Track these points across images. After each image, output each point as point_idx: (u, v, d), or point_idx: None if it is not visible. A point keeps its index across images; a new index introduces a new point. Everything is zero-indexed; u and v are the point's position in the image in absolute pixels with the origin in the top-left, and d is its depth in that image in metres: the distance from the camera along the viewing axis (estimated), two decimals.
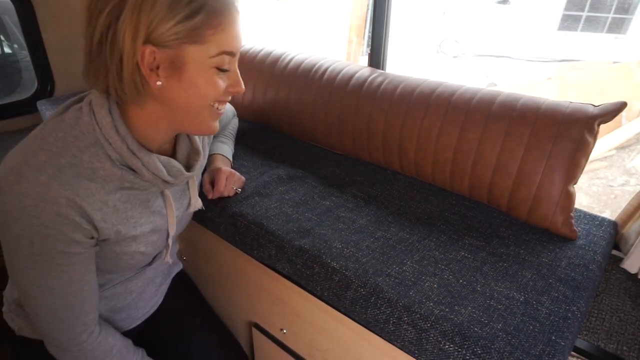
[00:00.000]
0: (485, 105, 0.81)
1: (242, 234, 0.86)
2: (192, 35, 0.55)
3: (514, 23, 8.99)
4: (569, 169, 0.74)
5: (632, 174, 4.26)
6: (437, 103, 0.86)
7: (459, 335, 0.61)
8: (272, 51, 1.14)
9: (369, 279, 0.70)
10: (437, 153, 0.86)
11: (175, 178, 0.67)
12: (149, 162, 0.62)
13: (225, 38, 0.57)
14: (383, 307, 0.68)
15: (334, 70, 1.03)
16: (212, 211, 0.91)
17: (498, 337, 0.60)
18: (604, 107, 0.73)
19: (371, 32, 1.12)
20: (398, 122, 0.90)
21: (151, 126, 0.62)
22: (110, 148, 0.59)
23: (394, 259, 0.74)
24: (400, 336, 0.67)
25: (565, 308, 0.64)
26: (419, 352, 0.65)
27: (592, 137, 0.73)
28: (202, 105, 0.61)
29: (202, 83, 0.58)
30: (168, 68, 0.56)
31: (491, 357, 0.58)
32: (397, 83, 0.93)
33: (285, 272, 0.82)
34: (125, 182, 0.62)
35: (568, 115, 0.74)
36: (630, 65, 5.20)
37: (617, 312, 0.79)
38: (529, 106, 0.78)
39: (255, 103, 1.15)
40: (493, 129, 0.79)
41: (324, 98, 1.02)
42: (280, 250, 0.80)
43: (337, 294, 0.74)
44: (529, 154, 0.76)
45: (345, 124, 0.99)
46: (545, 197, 0.76)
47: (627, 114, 4.85)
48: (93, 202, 0.58)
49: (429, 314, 0.64)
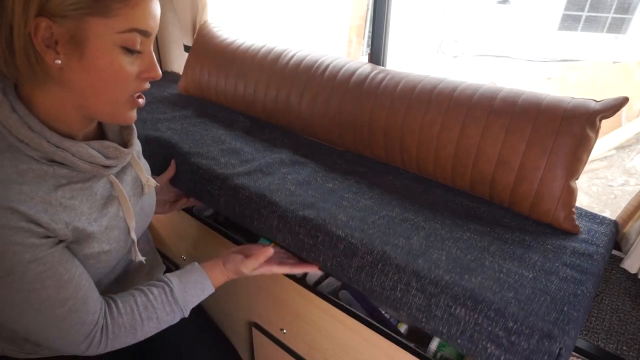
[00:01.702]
0: (486, 101, 0.81)
1: (243, 205, 0.85)
2: (96, 6, 0.48)
3: (514, 23, 8.99)
4: (570, 164, 0.73)
5: (632, 174, 4.26)
6: (438, 99, 0.86)
7: (471, 300, 0.60)
8: (274, 48, 1.14)
9: (375, 247, 0.69)
10: (439, 149, 0.86)
11: (116, 159, 0.61)
12: (79, 151, 0.56)
13: (137, 14, 0.51)
14: (390, 273, 0.66)
15: (335, 67, 1.03)
16: (212, 184, 0.90)
17: (511, 303, 0.59)
18: (605, 102, 0.73)
19: (371, 31, 1.12)
20: (399, 118, 0.90)
21: (60, 114, 0.55)
22: (28, 148, 0.52)
23: (400, 234, 0.73)
24: (407, 303, 0.65)
25: (574, 287, 0.63)
26: (427, 320, 0.64)
27: (594, 133, 0.73)
28: (113, 93, 0.55)
29: (105, 64, 0.51)
30: (67, 44, 0.49)
31: (505, 320, 0.57)
32: (399, 79, 0.93)
33: (286, 244, 0.80)
34: (61, 179, 0.56)
35: (570, 110, 0.74)
36: (630, 65, 5.20)
37: (617, 312, 0.79)
38: (531, 102, 0.77)
39: (257, 100, 1.14)
40: (494, 125, 0.79)
41: (326, 95, 1.01)
42: (282, 220, 0.79)
43: (341, 263, 0.72)
44: (531, 149, 0.75)
45: (347, 121, 0.99)
46: (547, 193, 0.76)
47: (627, 114, 4.85)
48: (33, 205, 0.51)
49: (439, 279, 0.63)
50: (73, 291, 0.57)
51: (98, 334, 0.61)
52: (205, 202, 0.95)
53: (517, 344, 0.57)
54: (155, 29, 0.56)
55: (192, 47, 1.27)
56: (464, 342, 0.61)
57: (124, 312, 0.64)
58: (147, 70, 0.56)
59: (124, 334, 0.64)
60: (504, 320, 0.58)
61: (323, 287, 0.95)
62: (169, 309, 0.68)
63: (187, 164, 0.95)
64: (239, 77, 1.16)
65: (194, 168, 0.93)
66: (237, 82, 1.16)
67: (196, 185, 0.93)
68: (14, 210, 0.49)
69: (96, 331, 0.60)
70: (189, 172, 0.94)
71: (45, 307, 0.54)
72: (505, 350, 0.58)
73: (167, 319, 0.68)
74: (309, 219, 0.76)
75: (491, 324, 0.59)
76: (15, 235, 0.49)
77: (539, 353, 0.56)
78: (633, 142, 4.67)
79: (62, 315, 0.56)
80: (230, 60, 1.18)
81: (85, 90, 0.53)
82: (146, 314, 0.66)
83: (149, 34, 0.54)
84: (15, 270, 0.51)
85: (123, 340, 0.64)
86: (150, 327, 0.67)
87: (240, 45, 1.19)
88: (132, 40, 0.52)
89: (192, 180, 0.94)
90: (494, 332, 0.58)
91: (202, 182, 0.91)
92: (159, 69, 0.58)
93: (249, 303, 1.02)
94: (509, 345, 0.58)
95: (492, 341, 0.59)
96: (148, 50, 0.56)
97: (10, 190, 0.50)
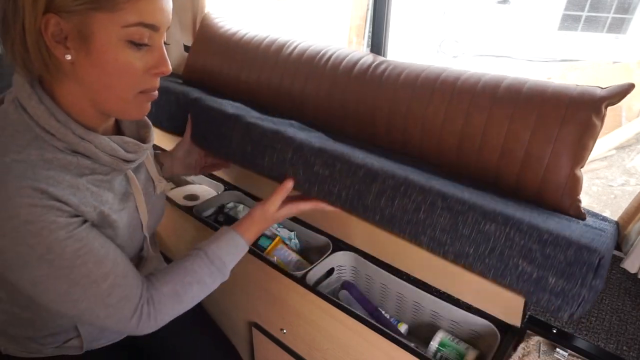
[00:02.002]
0: (490, 89, 0.80)
1: (255, 142, 0.84)
2: (101, 1, 0.49)
3: (514, 23, 8.99)
4: (576, 152, 0.72)
5: (632, 174, 4.26)
6: (441, 89, 0.85)
7: (502, 216, 0.58)
8: (277, 39, 1.14)
9: (396, 172, 0.68)
10: (442, 139, 0.85)
11: (135, 153, 0.63)
12: (102, 143, 0.57)
13: (143, 7, 0.51)
14: (414, 195, 0.65)
15: (338, 57, 1.02)
16: (224, 125, 0.89)
17: (544, 222, 0.57)
18: (611, 89, 0.72)
19: (371, 31, 1.12)
20: (402, 109, 0.89)
21: (78, 109, 0.56)
22: (54, 139, 0.54)
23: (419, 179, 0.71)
24: (431, 225, 0.64)
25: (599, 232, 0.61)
26: (452, 241, 0.62)
27: (600, 120, 0.72)
28: (121, 88, 0.55)
29: (111, 58, 0.52)
30: (76, 39, 0.50)
31: (540, 233, 0.55)
32: (401, 69, 0.93)
33: (298, 178, 0.78)
34: (84, 170, 0.57)
35: (575, 98, 0.73)
36: (630, 65, 5.21)
37: (617, 312, 0.79)
38: (535, 90, 0.77)
39: (260, 90, 1.14)
40: (499, 114, 0.78)
41: (328, 85, 1.01)
42: (297, 152, 0.78)
43: (359, 191, 0.71)
44: (535, 138, 0.74)
45: (350, 112, 0.98)
46: (553, 181, 0.75)
47: (627, 114, 4.85)
48: (62, 188, 0.53)
49: (466, 198, 0.61)
50: (112, 266, 0.58)
51: (145, 307, 0.62)
52: (216, 147, 0.92)
53: (553, 256, 0.54)
54: (165, 23, 0.55)
55: (195, 37, 1.27)
56: (492, 261, 0.59)
57: (164, 282, 0.65)
58: (156, 66, 0.56)
59: (170, 303, 0.64)
60: (538, 232, 0.55)
61: (323, 287, 0.95)
62: (207, 270, 0.68)
63: (199, 107, 0.94)
64: (242, 68, 1.15)
65: (205, 110, 0.93)
66: (240, 73, 1.16)
67: (207, 127, 0.91)
68: (44, 191, 0.51)
69: (142, 304, 0.61)
70: (200, 114, 0.94)
71: (89, 283, 0.55)
72: (538, 265, 0.55)
73: (208, 281, 0.68)
74: (325, 150, 0.75)
75: (524, 237, 0.56)
76: (47, 213, 0.51)
77: (576, 265, 0.53)
78: (633, 142, 4.67)
79: (107, 291, 0.57)
80: (233, 51, 1.17)
81: (94, 84, 0.54)
82: (187, 279, 0.66)
83: (157, 28, 0.54)
84: (54, 248, 0.52)
85: (170, 309, 0.65)
86: (193, 292, 0.67)
87: (243, 35, 1.18)
88: (139, 34, 0.52)
89: (203, 122, 0.93)
90: (527, 246, 0.56)
91: (215, 123, 0.90)
92: (169, 63, 0.57)
93: (249, 303, 1.02)
94: (542, 260, 0.55)
95: (524, 257, 0.56)
96: (158, 44, 0.56)
97: (38, 174, 0.51)
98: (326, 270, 0.96)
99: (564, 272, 0.54)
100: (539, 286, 0.57)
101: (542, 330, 0.76)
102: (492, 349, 0.74)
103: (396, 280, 0.90)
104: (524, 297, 0.60)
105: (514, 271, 0.57)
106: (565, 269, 0.54)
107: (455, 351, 0.80)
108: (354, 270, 1.00)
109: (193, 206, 1.09)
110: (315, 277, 0.92)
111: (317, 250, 1.03)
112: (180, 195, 1.18)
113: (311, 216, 1.03)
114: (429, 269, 0.84)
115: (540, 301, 0.57)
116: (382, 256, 0.92)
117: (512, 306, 0.74)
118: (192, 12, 1.30)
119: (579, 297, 0.54)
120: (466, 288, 0.80)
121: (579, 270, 0.53)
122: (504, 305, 0.76)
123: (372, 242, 0.92)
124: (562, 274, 0.55)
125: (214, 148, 0.94)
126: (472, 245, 0.60)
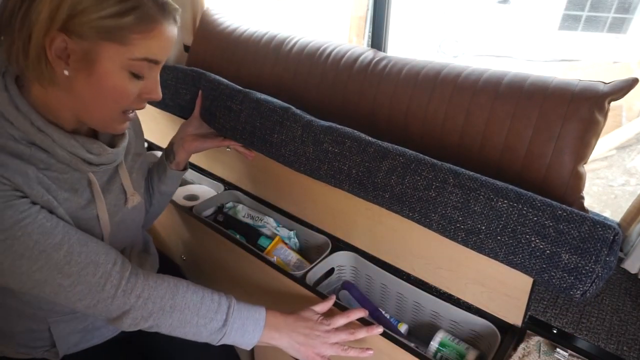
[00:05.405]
0: (492, 86, 0.79)
1: (265, 117, 0.84)
2: (115, 35, 0.51)
3: (514, 23, 8.98)
4: (578, 149, 0.71)
5: (633, 174, 4.26)
6: (442, 85, 0.84)
7: (514, 192, 0.58)
8: (277, 35, 1.13)
9: (407, 150, 0.68)
10: (444, 137, 0.84)
11: (98, 156, 0.61)
12: (60, 138, 0.56)
13: (153, 45, 0.54)
14: (425, 172, 0.65)
15: (338, 53, 1.02)
16: (233, 99, 0.89)
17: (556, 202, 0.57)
18: (614, 84, 0.71)
19: (371, 30, 1.12)
20: (403, 106, 0.88)
21: (54, 109, 0.57)
22: (10, 126, 0.54)
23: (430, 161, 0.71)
24: (442, 202, 0.63)
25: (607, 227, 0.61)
26: (464, 218, 0.61)
27: (603, 116, 0.71)
28: (110, 108, 0.57)
29: (110, 84, 0.54)
30: (80, 60, 0.52)
31: (553, 209, 0.55)
32: (402, 65, 0.92)
33: (305, 157, 0.78)
34: (38, 163, 0.56)
35: (577, 93, 0.72)
36: (630, 65, 5.20)
37: (617, 312, 0.79)
38: (537, 86, 0.76)
39: (260, 87, 1.13)
40: (500, 110, 0.77)
41: (329, 82, 1.00)
42: (306, 130, 0.78)
43: (369, 168, 0.71)
44: (538, 136, 0.74)
45: (349, 108, 0.98)
46: (555, 179, 0.74)
47: (627, 114, 4.85)
48: (6, 169, 0.52)
49: (478, 176, 0.62)
50: (63, 235, 0.56)
51: (126, 275, 0.59)
52: (222, 121, 0.91)
53: (567, 232, 0.54)
54: (166, 57, 0.58)
55: (195, 34, 1.27)
56: (504, 237, 0.58)
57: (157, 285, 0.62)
58: (148, 92, 0.59)
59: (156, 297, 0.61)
60: (551, 209, 0.55)
61: (323, 287, 0.95)
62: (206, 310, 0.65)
63: (207, 80, 0.94)
64: (242, 64, 1.15)
65: (214, 85, 0.92)
66: (240, 69, 1.15)
67: (215, 102, 0.91)
68: None
69: (121, 272, 0.58)
70: (208, 88, 0.93)
71: (36, 254, 0.53)
72: (551, 241, 0.55)
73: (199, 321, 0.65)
74: (335, 128, 0.76)
75: (537, 213, 0.56)
76: None
77: (591, 241, 0.52)
78: (633, 142, 4.66)
79: (65, 259, 0.55)
80: (234, 47, 1.17)
81: (85, 100, 0.56)
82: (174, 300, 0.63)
83: (158, 62, 0.57)
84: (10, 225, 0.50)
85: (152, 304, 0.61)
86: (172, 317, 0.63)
87: (243, 32, 1.18)
88: (141, 67, 0.55)
89: (211, 97, 0.92)
90: (540, 221, 0.55)
91: (223, 97, 0.90)
92: (160, 92, 0.60)
93: (249, 303, 1.01)
94: (556, 236, 0.55)
95: (537, 233, 0.56)
96: (154, 75, 0.58)
97: None
98: (326, 270, 0.96)
99: (577, 248, 0.53)
100: (551, 263, 0.56)
101: (543, 330, 0.75)
102: (493, 349, 0.74)
103: (396, 280, 0.90)
104: (534, 276, 0.58)
105: (527, 248, 0.57)
106: (579, 245, 0.53)
107: (455, 351, 0.79)
108: (354, 270, 1.00)
109: (193, 206, 1.09)
110: (315, 277, 0.92)
111: (317, 250, 1.02)
112: (180, 195, 1.18)
113: (311, 215, 1.03)
114: (429, 268, 0.84)
115: (552, 279, 0.56)
116: (382, 256, 0.92)
117: (512, 306, 0.74)
118: (192, 12, 1.29)
119: (593, 273, 0.54)
120: (467, 287, 0.80)
121: (593, 246, 0.53)
122: (504, 305, 0.76)
123: (372, 242, 0.92)
124: (575, 250, 0.54)
125: (221, 120, 0.93)
126: (484, 222, 0.60)
